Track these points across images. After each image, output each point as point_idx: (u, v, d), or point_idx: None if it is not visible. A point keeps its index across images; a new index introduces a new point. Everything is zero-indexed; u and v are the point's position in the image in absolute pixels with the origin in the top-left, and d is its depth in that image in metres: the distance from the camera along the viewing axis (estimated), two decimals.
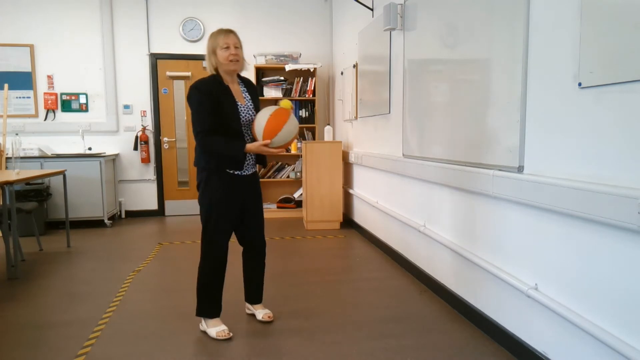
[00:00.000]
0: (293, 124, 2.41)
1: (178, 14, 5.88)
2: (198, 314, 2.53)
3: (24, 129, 5.65)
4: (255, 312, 2.72)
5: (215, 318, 2.52)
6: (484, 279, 2.50)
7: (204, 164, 2.41)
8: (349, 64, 5.22)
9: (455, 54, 2.71)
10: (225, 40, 2.38)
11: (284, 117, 2.37)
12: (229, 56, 2.38)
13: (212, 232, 2.44)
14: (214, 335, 2.46)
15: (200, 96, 2.33)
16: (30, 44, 5.59)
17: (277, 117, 2.35)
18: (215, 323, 2.50)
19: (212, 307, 2.51)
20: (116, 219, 5.90)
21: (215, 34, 2.42)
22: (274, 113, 2.36)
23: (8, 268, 3.58)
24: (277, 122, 2.34)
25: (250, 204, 2.57)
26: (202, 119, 2.33)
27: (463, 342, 2.40)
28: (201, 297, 2.50)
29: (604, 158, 1.65)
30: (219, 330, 2.47)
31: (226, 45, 2.37)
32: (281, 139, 2.36)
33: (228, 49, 2.37)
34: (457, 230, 2.80)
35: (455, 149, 2.72)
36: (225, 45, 2.37)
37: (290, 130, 2.38)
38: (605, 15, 1.61)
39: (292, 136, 2.40)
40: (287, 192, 6.22)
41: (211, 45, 2.41)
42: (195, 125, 2.35)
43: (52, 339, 2.47)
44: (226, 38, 2.38)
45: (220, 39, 2.38)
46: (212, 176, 2.41)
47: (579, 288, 1.80)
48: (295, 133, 2.42)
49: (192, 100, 2.36)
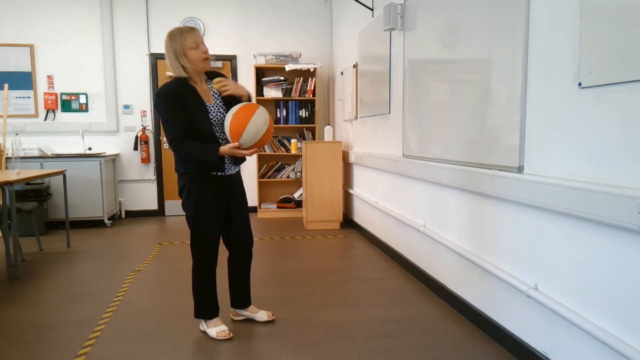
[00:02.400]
0: (258, 120, 2.21)
1: (178, 13, 5.88)
2: (197, 316, 2.52)
3: (24, 129, 5.65)
4: (253, 316, 2.66)
5: (215, 318, 2.52)
6: (484, 278, 2.50)
7: (183, 169, 2.34)
8: (349, 64, 5.22)
9: (455, 54, 2.71)
10: (193, 39, 2.26)
11: (246, 114, 2.20)
12: (202, 55, 2.28)
13: (201, 238, 2.40)
14: (214, 335, 2.46)
15: (167, 103, 2.25)
16: (30, 44, 5.59)
17: (238, 117, 2.20)
18: (215, 323, 2.50)
19: (210, 308, 2.50)
20: (116, 219, 5.90)
21: (177, 34, 2.27)
22: (236, 112, 2.22)
23: (8, 268, 3.58)
24: (238, 122, 2.19)
25: (234, 203, 2.51)
26: (173, 127, 2.25)
27: (463, 342, 2.40)
28: (198, 299, 2.49)
29: (604, 158, 1.65)
30: (219, 330, 2.46)
31: (195, 44, 2.26)
32: (249, 138, 2.21)
33: (198, 47, 2.27)
34: (457, 230, 2.80)
35: (455, 149, 2.72)
36: (194, 45, 2.26)
37: (256, 128, 2.20)
38: (605, 15, 1.61)
39: (260, 134, 2.22)
40: (287, 192, 6.22)
41: (178, 46, 2.26)
42: (166, 134, 2.27)
43: (52, 339, 2.48)
44: (194, 36, 2.27)
45: (188, 38, 2.25)
46: (194, 180, 2.35)
47: (579, 288, 1.80)
48: (264, 130, 2.23)
49: (160, 107, 2.27)
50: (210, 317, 2.51)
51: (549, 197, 1.89)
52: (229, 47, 6.02)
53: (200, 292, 2.47)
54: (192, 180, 2.35)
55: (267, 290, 3.19)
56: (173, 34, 2.29)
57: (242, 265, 2.62)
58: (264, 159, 6.11)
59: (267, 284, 3.33)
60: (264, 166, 6.07)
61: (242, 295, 2.66)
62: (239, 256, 2.60)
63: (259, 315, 2.66)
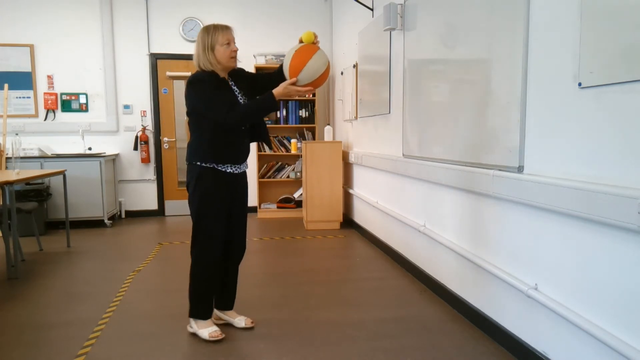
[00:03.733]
0: (319, 59, 2.26)
1: (178, 14, 5.88)
2: (192, 316, 2.48)
3: (24, 129, 5.65)
4: (232, 321, 2.61)
5: (207, 319, 2.48)
6: (484, 278, 2.50)
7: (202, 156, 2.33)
8: (349, 64, 5.22)
9: (455, 54, 2.71)
10: (226, 36, 2.32)
11: (308, 52, 2.25)
12: (231, 53, 2.33)
13: (206, 235, 2.38)
14: (206, 336, 2.42)
15: (205, 84, 2.27)
16: (30, 44, 5.59)
17: (300, 54, 2.25)
18: (207, 324, 2.46)
19: (207, 309, 2.47)
20: (116, 219, 5.90)
21: (212, 29, 2.32)
22: (298, 50, 2.26)
23: (8, 268, 3.58)
24: (301, 57, 2.24)
25: (238, 203, 2.50)
26: (220, 101, 2.25)
27: (463, 342, 2.40)
28: (198, 299, 2.45)
29: (604, 158, 1.65)
30: (211, 331, 2.43)
31: (227, 41, 2.32)
32: (307, 75, 2.24)
33: (229, 45, 2.32)
34: (457, 230, 2.80)
35: (455, 149, 2.72)
36: (226, 42, 2.31)
37: (316, 66, 2.24)
38: (605, 15, 1.61)
39: (319, 72, 2.26)
40: (287, 192, 6.22)
41: (209, 42, 2.31)
42: (216, 111, 2.25)
43: (52, 339, 2.47)
44: (227, 34, 2.32)
45: (220, 35, 2.31)
46: (204, 176, 2.35)
47: (579, 288, 1.80)
48: (322, 69, 2.27)
49: (198, 91, 2.28)
50: (206, 318, 2.47)
51: (549, 197, 1.89)
52: None
53: (200, 292, 2.44)
54: (202, 176, 2.35)
55: (267, 290, 3.19)
56: (208, 28, 2.33)
57: (233, 267, 2.60)
58: (264, 159, 6.11)
59: (267, 284, 3.33)
60: (264, 166, 6.07)
61: (227, 297, 2.63)
62: (231, 257, 2.57)
63: (237, 321, 2.60)
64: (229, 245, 2.53)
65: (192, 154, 2.38)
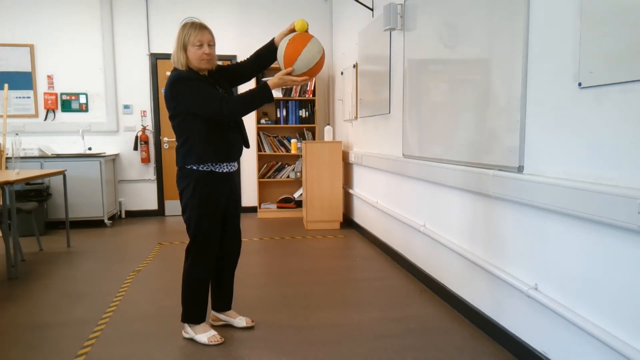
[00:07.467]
0: (314, 48, 2.21)
1: (178, 13, 5.88)
2: (185, 321, 2.43)
3: (24, 129, 5.65)
4: (232, 321, 2.58)
5: (202, 323, 2.44)
6: (484, 278, 2.50)
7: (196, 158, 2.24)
8: (349, 64, 5.22)
9: (455, 54, 2.71)
10: (198, 37, 2.20)
11: (302, 40, 2.21)
12: (202, 55, 2.22)
13: (202, 241, 2.34)
14: (204, 341, 2.38)
15: (189, 82, 2.19)
16: (30, 44, 5.59)
17: (294, 42, 2.20)
18: (204, 329, 2.42)
19: (202, 312, 2.43)
20: (116, 219, 5.90)
21: (187, 27, 2.22)
22: (292, 37, 2.22)
23: (8, 268, 3.58)
24: (294, 46, 2.19)
25: (232, 204, 2.47)
26: (211, 95, 2.19)
27: (463, 342, 2.40)
28: (192, 303, 2.40)
29: (604, 158, 1.65)
30: (210, 335, 2.39)
31: (200, 43, 2.20)
32: (303, 64, 2.19)
33: (201, 47, 2.21)
34: (457, 230, 2.80)
35: (455, 149, 2.72)
36: (198, 43, 2.20)
37: (312, 54, 2.19)
38: (605, 15, 1.60)
39: (314, 61, 2.20)
40: (287, 192, 6.22)
41: (181, 40, 2.21)
42: (209, 106, 2.18)
43: (52, 339, 2.47)
44: (200, 35, 2.20)
45: (192, 35, 2.20)
46: (200, 180, 2.27)
47: (579, 288, 1.80)
48: (317, 58, 2.22)
49: (185, 88, 2.19)
50: (199, 322, 2.43)
51: (549, 197, 1.89)
52: (229, 47, 6.02)
53: (195, 296, 2.40)
54: (199, 180, 2.28)
55: (267, 290, 3.19)
56: (185, 25, 2.24)
57: (229, 267, 2.57)
58: (264, 159, 6.11)
59: (267, 284, 3.33)
60: (264, 166, 6.07)
61: (225, 298, 2.61)
62: (227, 257, 2.54)
63: (237, 321, 2.58)
64: (224, 245, 2.51)
65: (185, 157, 2.27)
